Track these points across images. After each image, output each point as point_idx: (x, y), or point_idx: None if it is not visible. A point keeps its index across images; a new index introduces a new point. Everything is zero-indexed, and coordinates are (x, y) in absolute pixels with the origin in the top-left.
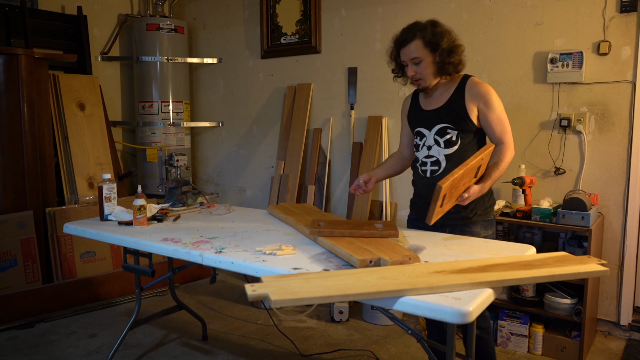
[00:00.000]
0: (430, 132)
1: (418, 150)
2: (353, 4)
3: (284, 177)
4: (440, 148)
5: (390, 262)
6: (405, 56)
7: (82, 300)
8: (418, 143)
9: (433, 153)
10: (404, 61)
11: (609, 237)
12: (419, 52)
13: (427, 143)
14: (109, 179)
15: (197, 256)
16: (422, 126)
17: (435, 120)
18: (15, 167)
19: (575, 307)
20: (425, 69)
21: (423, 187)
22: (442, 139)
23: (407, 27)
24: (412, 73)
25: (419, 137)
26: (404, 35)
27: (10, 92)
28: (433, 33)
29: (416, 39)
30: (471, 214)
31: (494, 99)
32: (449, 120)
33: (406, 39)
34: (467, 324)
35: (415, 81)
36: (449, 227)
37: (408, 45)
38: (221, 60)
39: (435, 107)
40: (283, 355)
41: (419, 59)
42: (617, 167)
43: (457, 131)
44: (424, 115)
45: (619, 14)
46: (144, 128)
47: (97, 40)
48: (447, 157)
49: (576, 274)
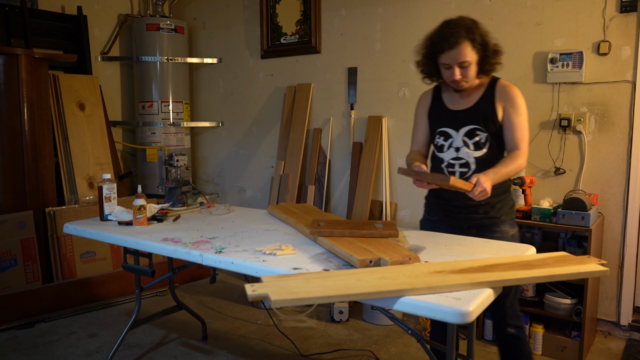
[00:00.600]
0: (458, 133)
1: (441, 151)
2: (353, 4)
3: (284, 177)
4: (470, 150)
5: (390, 262)
6: (451, 59)
7: (82, 300)
8: (442, 144)
9: (462, 155)
10: (447, 64)
11: (609, 237)
12: (468, 56)
13: (454, 144)
14: (109, 179)
15: (197, 256)
16: (447, 126)
17: (464, 121)
18: (15, 167)
19: (575, 307)
20: (471, 71)
21: (450, 190)
22: (471, 140)
23: (448, 26)
24: (458, 77)
25: (443, 138)
26: (451, 37)
27: (10, 92)
28: (480, 34)
29: (465, 40)
30: (499, 213)
31: (522, 103)
32: (479, 121)
33: (454, 42)
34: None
35: (457, 84)
36: (475, 229)
37: (456, 48)
38: (221, 60)
39: (464, 108)
40: (283, 355)
41: (468, 62)
42: (617, 167)
43: (486, 134)
44: (451, 115)
45: (619, 14)
46: (144, 128)
47: (97, 40)
48: (477, 159)
49: (576, 274)
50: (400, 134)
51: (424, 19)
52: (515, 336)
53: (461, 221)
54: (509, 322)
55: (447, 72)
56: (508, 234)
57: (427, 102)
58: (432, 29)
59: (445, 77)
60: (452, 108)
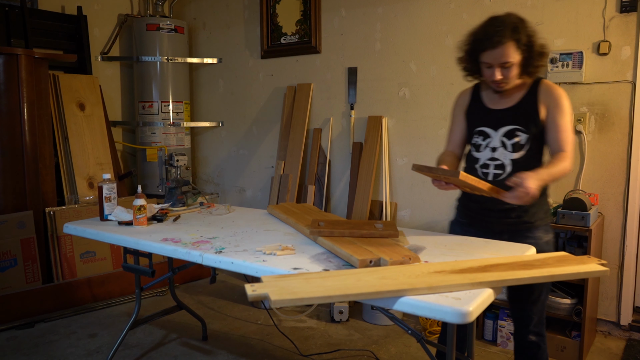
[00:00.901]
0: (497, 133)
1: (478, 151)
2: (353, 4)
3: (284, 177)
4: (507, 152)
5: (390, 262)
6: (493, 59)
7: (82, 300)
8: (479, 143)
9: (498, 156)
10: (488, 63)
11: (609, 237)
12: (511, 57)
13: (491, 144)
14: (109, 179)
15: (197, 256)
16: (486, 125)
17: (504, 121)
18: (15, 167)
19: (575, 307)
20: (512, 72)
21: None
22: (509, 141)
23: (493, 23)
24: (498, 77)
25: (481, 137)
26: (495, 35)
27: (10, 92)
28: (527, 34)
29: (509, 40)
30: (533, 218)
31: (567, 104)
32: (520, 122)
33: (498, 41)
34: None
35: (496, 84)
36: (507, 234)
37: (500, 48)
38: (221, 60)
39: (504, 107)
40: (283, 355)
41: (510, 63)
42: (617, 167)
43: (526, 135)
44: (491, 114)
45: (619, 14)
46: (144, 128)
47: (97, 40)
48: (514, 161)
49: (576, 274)
50: (400, 134)
51: (424, 19)
52: (536, 345)
53: (493, 225)
54: (532, 329)
55: (488, 71)
56: (542, 240)
57: (465, 101)
58: (476, 25)
59: (485, 76)
60: (492, 107)
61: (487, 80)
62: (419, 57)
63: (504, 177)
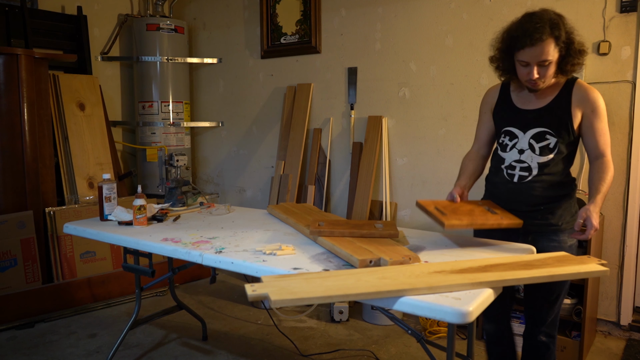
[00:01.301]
0: (525, 135)
1: (505, 151)
2: (353, 4)
3: (284, 177)
4: (535, 155)
5: (390, 262)
6: (531, 57)
7: (82, 300)
8: (507, 143)
9: (525, 158)
10: (525, 61)
11: (609, 237)
12: (550, 54)
13: (519, 146)
14: (109, 179)
15: (197, 256)
16: (514, 126)
17: (533, 123)
18: (15, 167)
19: (575, 307)
20: (550, 71)
21: (507, 192)
22: (538, 144)
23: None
24: (535, 76)
25: (508, 137)
26: (535, 32)
27: (10, 92)
28: (566, 30)
29: (549, 37)
30: (560, 220)
31: (603, 107)
32: (551, 124)
33: (538, 38)
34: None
35: (533, 83)
36: (532, 235)
37: (539, 45)
38: (221, 60)
39: (534, 108)
40: (283, 355)
41: (549, 61)
42: (617, 167)
43: (556, 139)
44: (520, 114)
45: (619, 14)
46: (144, 128)
47: (97, 40)
48: (540, 165)
49: (576, 274)
50: (400, 134)
51: (424, 19)
52: (545, 345)
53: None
54: (544, 329)
55: (524, 70)
56: (566, 244)
57: (493, 99)
58: (511, 22)
59: (520, 75)
60: (521, 107)
61: (522, 79)
62: (419, 57)
63: (529, 179)
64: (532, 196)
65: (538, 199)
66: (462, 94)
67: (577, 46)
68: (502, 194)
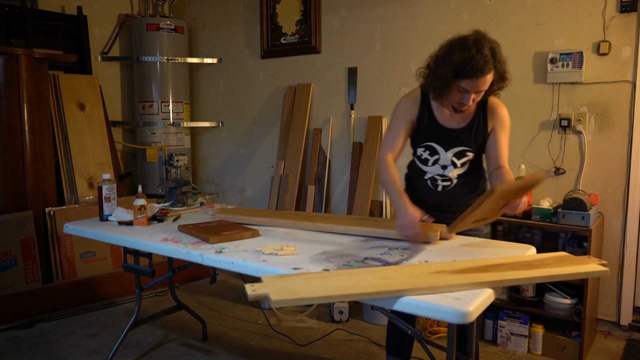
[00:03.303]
0: (447, 152)
1: (426, 165)
2: (353, 4)
3: (284, 177)
4: (456, 168)
5: None
6: (473, 87)
7: (82, 300)
8: (427, 158)
9: (447, 173)
10: (466, 89)
11: (609, 237)
12: (488, 83)
13: (441, 162)
14: (108, 179)
15: (197, 256)
16: (436, 142)
17: (456, 142)
18: (15, 167)
19: (575, 307)
20: (480, 97)
21: (431, 199)
22: (459, 160)
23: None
24: (471, 103)
25: (428, 152)
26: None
27: (10, 92)
28: (499, 59)
29: (492, 69)
30: None
31: (509, 122)
32: (472, 143)
33: (487, 71)
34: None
35: (461, 107)
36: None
37: (484, 78)
38: (221, 60)
39: (457, 127)
40: (283, 355)
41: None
42: (617, 167)
43: (474, 153)
44: (443, 132)
45: (619, 14)
46: (144, 128)
47: (97, 40)
48: (460, 175)
49: (576, 274)
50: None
51: (424, 19)
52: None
53: (440, 221)
54: None
55: (459, 95)
56: (482, 232)
57: (414, 109)
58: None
59: (453, 98)
60: (445, 125)
61: (453, 102)
62: (419, 57)
63: (451, 188)
64: (455, 200)
65: (460, 201)
66: None
67: (505, 74)
68: (425, 199)
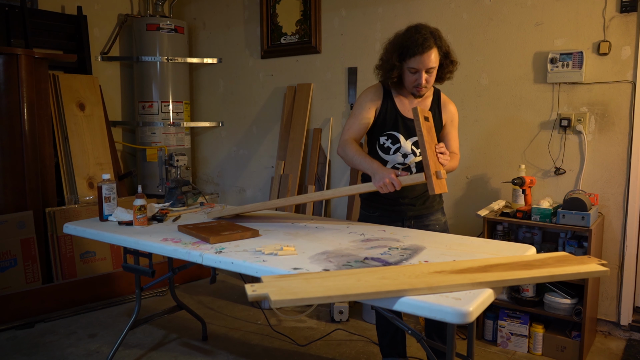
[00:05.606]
0: (407, 141)
1: (387, 153)
2: (353, 4)
3: (284, 177)
4: (416, 157)
5: None
6: (421, 64)
7: (82, 300)
8: (389, 146)
9: (407, 161)
10: (415, 68)
11: (609, 237)
12: (435, 62)
13: (402, 151)
14: (108, 179)
15: (197, 256)
16: (398, 132)
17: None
18: (15, 167)
19: (575, 307)
20: (433, 77)
21: (395, 191)
22: (418, 149)
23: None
24: (424, 81)
25: (390, 141)
26: (424, 42)
27: (10, 92)
28: (443, 41)
29: (434, 46)
30: (433, 203)
31: (457, 118)
32: None
33: (428, 46)
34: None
35: (419, 89)
36: (414, 219)
37: (427, 53)
38: (221, 60)
39: None
40: (283, 355)
41: (434, 68)
42: (617, 167)
43: None
44: (405, 122)
45: (619, 14)
46: (144, 128)
47: (97, 40)
48: (417, 163)
49: (576, 274)
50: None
51: (424, 19)
52: None
53: (402, 213)
54: None
55: (412, 77)
56: (441, 221)
57: (378, 98)
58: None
59: (408, 82)
60: (406, 115)
61: (410, 86)
62: None
63: None
64: (413, 191)
65: (418, 192)
66: (462, 94)
67: (452, 56)
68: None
